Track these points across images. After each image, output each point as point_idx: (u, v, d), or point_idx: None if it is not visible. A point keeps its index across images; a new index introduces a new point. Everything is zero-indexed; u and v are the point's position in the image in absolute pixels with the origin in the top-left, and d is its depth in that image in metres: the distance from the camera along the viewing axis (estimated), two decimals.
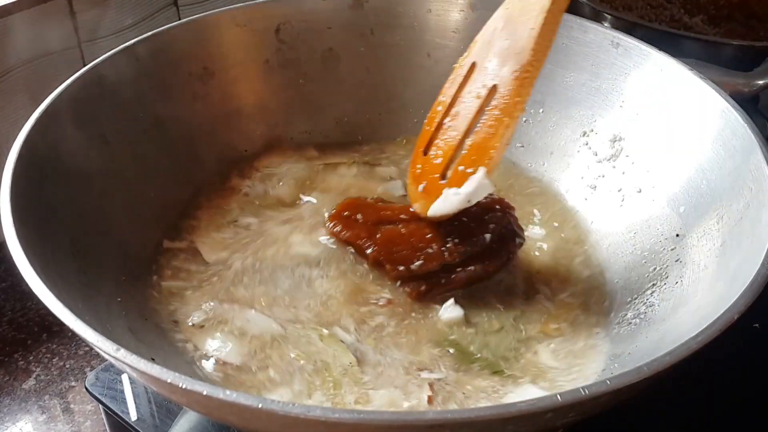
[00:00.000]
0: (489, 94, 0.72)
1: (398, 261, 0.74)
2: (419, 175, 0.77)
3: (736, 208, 0.69)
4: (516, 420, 0.47)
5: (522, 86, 0.69)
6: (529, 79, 0.69)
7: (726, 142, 0.73)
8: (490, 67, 0.72)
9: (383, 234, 0.76)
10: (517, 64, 0.69)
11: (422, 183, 0.76)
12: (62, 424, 0.81)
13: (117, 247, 0.75)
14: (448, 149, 0.75)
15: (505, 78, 0.70)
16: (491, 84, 0.72)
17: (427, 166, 0.77)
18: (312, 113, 0.97)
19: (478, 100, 0.73)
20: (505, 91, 0.70)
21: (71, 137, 0.75)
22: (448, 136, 0.75)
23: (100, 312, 0.65)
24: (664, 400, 0.74)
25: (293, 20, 0.94)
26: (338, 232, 0.79)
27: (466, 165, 0.72)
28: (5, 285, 0.95)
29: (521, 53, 0.69)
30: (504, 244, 0.78)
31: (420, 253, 0.74)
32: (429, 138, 0.78)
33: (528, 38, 0.68)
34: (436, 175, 0.75)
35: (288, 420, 0.46)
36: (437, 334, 0.72)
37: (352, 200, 0.82)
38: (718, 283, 0.65)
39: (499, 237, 0.78)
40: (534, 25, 0.68)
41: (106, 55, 0.82)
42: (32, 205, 0.66)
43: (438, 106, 0.78)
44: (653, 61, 0.83)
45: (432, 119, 0.78)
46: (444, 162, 0.75)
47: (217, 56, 0.91)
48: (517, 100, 0.69)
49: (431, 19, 0.95)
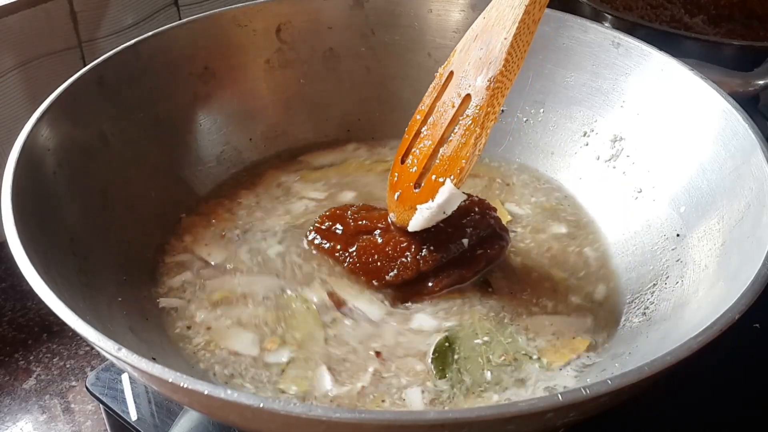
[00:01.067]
0: (462, 103, 0.72)
1: (373, 272, 0.75)
2: (395, 184, 0.78)
3: (737, 209, 0.69)
4: (517, 420, 0.47)
5: (494, 96, 0.69)
6: (501, 89, 0.69)
7: (727, 142, 0.73)
8: (466, 77, 0.72)
9: (360, 246, 0.77)
10: (490, 73, 0.69)
11: (398, 191, 0.77)
12: (63, 424, 0.81)
13: (118, 246, 0.76)
14: (423, 158, 0.75)
15: (478, 88, 0.70)
16: (465, 94, 0.72)
17: (403, 175, 0.77)
18: (312, 113, 0.97)
19: (453, 110, 0.73)
20: (477, 101, 0.70)
21: (72, 137, 0.75)
22: (424, 144, 0.75)
23: (101, 311, 0.65)
24: (665, 400, 0.74)
25: (294, 20, 0.93)
26: (318, 245, 0.80)
27: (438, 174, 0.73)
28: (5, 285, 0.95)
29: (493, 63, 0.69)
30: (485, 248, 0.78)
31: (395, 263, 0.75)
32: (407, 146, 0.78)
33: (501, 48, 0.68)
34: (411, 184, 0.75)
35: (289, 419, 0.46)
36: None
37: (334, 211, 0.82)
38: (719, 283, 0.65)
39: (479, 241, 0.78)
40: (507, 35, 0.68)
41: (107, 54, 0.81)
42: (33, 205, 0.66)
43: (417, 114, 0.78)
44: (654, 61, 0.83)
45: (411, 127, 0.78)
46: (418, 171, 0.75)
47: (218, 56, 0.91)
48: (488, 111, 0.69)
49: (432, 19, 0.95)
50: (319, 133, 0.98)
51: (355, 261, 0.76)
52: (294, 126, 0.96)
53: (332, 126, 0.98)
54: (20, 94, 0.93)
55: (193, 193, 0.88)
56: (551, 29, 0.90)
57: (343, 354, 0.70)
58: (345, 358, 0.69)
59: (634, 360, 0.65)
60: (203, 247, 0.82)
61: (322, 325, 0.73)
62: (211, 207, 0.87)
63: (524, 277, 0.79)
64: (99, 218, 0.75)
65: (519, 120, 0.95)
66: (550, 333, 0.73)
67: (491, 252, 0.78)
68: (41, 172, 0.70)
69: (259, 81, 0.94)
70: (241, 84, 0.93)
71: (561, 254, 0.82)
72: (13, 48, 0.91)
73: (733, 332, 0.54)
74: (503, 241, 0.80)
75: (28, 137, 0.69)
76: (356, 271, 0.76)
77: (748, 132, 0.71)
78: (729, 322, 0.54)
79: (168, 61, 0.87)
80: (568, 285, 0.79)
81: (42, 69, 0.95)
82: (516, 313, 0.74)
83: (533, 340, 0.72)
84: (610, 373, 0.67)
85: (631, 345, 0.69)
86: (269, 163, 0.94)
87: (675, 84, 0.81)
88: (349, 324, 0.73)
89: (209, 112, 0.91)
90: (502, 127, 0.95)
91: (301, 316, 0.73)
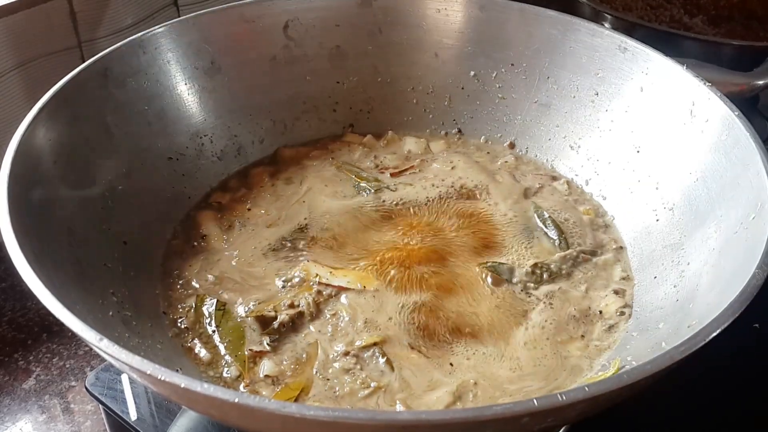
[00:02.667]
0: None
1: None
2: None
3: (735, 216, 0.68)
4: (492, 423, 0.47)
5: None
6: None
7: (728, 151, 0.73)
8: None
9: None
10: None
11: None
12: (62, 424, 0.81)
13: (116, 239, 0.76)
14: None
15: None
16: None
17: None
18: (318, 110, 0.97)
19: None
20: None
21: (75, 128, 0.75)
22: None
23: (94, 303, 0.65)
24: (665, 400, 0.74)
25: (301, 17, 0.94)
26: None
27: None
28: (5, 285, 0.95)
29: None
30: None
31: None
32: None
33: None
34: None
35: (288, 419, 0.46)
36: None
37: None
38: (714, 289, 0.65)
39: None
40: None
41: (114, 47, 0.82)
42: (30, 194, 0.66)
43: None
44: (659, 66, 0.83)
45: None
46: None
47: (224, 51, 0.91)
48: None
49: (439, 18, 0.95)
50: (325, 131, 0.98)
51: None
52: (299, 123, 0.97)
53: (338, 123, 0.98)
54: (20, 94, 0.93)
55: (196, 187, 0.88)
56: (558, 32, 0.90)
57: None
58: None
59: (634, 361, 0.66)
60: (206, 240, 0.82)
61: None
62: (214, 202, 0.87)
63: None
64: (98, 210, 0.75)
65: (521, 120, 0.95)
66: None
67: None
68: (41, 162, 0.70)
69: (265, 77, 0.94)
70: (247, 79, 0.93)
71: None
72: (12, 48, 0.91)
73: (732, 332, 0.53)
74: None
75: (29, 127, 0.69)
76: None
77: (749, 141, 0.70)
78: (726, 321, 0.54)
79: (174, 55, 0.87)
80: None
81: (42, 69, 0.95)
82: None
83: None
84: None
85: (629, 348, 0.69)
86: (273, 160, 0.94)
87: (679, 91, 0.80)
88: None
89: (214, 107, 0.91)
90: (507, 128, 0.95)
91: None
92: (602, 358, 0.70)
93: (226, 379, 0.68)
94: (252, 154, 0.94)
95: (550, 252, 0.81)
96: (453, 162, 0.92)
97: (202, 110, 0.90)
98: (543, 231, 0.83)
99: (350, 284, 0.75)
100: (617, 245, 0.82)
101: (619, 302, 0.75)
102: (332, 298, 0.74)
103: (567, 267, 0.79)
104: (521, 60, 0.93)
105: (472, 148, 0.96)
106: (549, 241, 0.82)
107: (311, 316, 0.73)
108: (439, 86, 0.98)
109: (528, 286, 0.77)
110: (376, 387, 0.66)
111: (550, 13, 0.90)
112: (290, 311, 0.72)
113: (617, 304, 0.75)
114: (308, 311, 0.73)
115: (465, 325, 0.72)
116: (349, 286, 0.75)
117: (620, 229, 0.84)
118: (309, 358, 0.69)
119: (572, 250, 0.80)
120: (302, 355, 0.69)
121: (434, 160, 0.93)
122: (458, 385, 0.66)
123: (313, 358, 0.69)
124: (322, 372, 0.68)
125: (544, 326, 0.72)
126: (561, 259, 0.79)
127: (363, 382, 0.66)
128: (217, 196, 0.88)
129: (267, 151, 0.95)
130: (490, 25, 0.94)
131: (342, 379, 0.67)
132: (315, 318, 0.73)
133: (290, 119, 0.96)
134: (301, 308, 0.73)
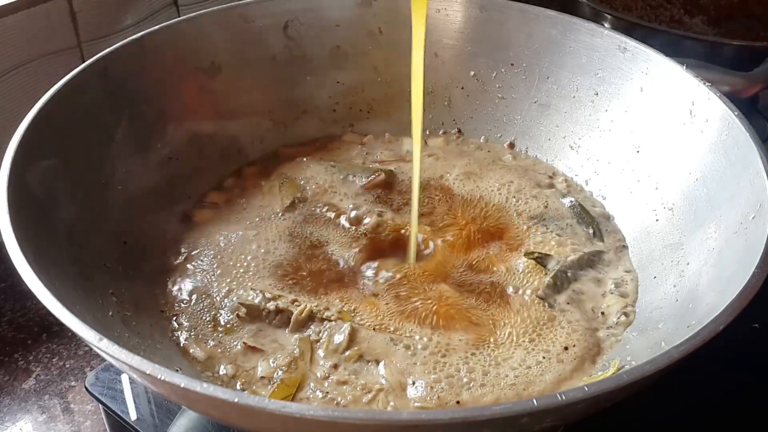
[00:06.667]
0: None
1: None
2: None
3: (734, 216, 0.68)
4: (491, 423, 0.47)
5: None
6: None
7: (728, 151, 0.73)
8: None
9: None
10: None
11: None
12: (62, 424, 0.81)
13: (116, 239, 0.76)
14: None
15: None
16: None
17: None
18: (318, 110, 0.97)
19: None
20: None
21: (74, 128, 0.75)
22: None
23: (93, 302, 0.66)
24: (665, 400, 0.74)
25: (301, 17, 0.94)
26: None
27: None
28: (5, 285, 0.95)
29: None
30: None
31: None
32: None
33: None
34: None
35: (287, 419, 0.46)
36: None
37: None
38: (714, 289, 0.65)
39: None
40: None
41: (113, 47, 0.82)
42: (30, 194, 0.66)
43: None
44: (659, 66, 0.83)
45: None
46: None
47: (224, 51, 0.91)
48: None
49: (439, 18, 0.95)
50: (325, 131, 0.98)
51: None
52: (299, 123, 0.97)
53: (338, 124, 0.98)
54: (20, 94, 0.93)
55: (195, 188, 0.88)
56: (558, 32, 0.90)
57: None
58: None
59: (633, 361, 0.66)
60: (205, 240, 0.82)
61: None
62: (212, 202, 0.87)
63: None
64: (99, 211, 0.75)
65: (521, 120, 0.95)
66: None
67: None
68: (40, 162, 0.70)
69: (265, 77, 0.94)
70: (247, 79, 0.93)
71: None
72: (12, 48, 0.91)
73: (732, 332, 0.53)
74: None
75: (29, 127, 0.69)
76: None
77: (749, 141, 0.70)
78: (725, 322, 0.54)
79: (174, 55, 0.87)
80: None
81: (42, 69, 0.95)
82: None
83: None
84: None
85: (621, 352, 0.69)
86: (273, 159, 0.94)
87: (679, 91, 0.80)
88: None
89: (214, 107, 0.91)
90: (506, 128, 0.95)
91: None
92: (602, 357, 0.70)
93: (222, 377, 0.68)
94: (252, 154, 0.94)
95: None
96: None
97: (202, 110, 0.90)
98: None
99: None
100: (618, 245, 0.82)
101: (621, 303, 0.76)
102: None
103: (574, 271, 0.79)
104: (521, 60, 0.93)
105: (472, 147, 0.96)
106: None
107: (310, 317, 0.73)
108: (438, 86, 0.98)
109: (546, 293, 0.76)
110: (378, 390, 0.66)
111: (550, 13, 0.90)
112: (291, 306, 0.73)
113: (619, 305, 0.75)
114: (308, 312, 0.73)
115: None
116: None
117: (620, 229, 0.84)
118: (302, 353, 0.70)
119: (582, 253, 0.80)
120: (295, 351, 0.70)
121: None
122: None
123: (306, 353, 0.69)
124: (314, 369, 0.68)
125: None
126: (574, 263, 0.79)
127: (363, 387, 0.67)
128: (215, 196, 0.88)
129: (267, 151, 0.94)
130: (490, 25, 0.94)
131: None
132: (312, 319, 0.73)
133: (290, 119, 0.96)
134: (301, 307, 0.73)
